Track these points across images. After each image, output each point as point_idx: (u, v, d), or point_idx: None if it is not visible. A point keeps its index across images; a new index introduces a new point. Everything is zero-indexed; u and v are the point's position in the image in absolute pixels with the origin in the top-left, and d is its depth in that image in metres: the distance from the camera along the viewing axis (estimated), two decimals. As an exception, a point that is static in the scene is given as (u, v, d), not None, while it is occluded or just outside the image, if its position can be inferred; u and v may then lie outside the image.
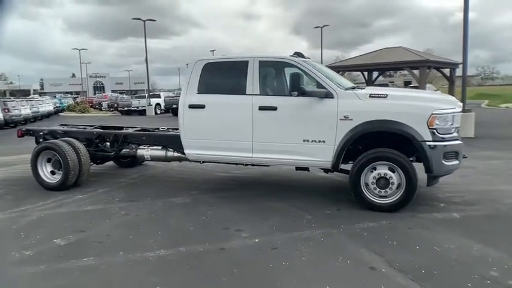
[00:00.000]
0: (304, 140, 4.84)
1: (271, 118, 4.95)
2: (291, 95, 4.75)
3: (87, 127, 7.23)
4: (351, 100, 4.69)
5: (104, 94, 49.17)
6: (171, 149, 5.96)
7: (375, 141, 4.73)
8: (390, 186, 4.52)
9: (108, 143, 6.40)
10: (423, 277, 3.04)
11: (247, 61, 5.16)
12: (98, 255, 3.56)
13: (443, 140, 4.46)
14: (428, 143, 4.41)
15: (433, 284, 2.94)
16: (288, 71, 5.21)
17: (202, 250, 3.66)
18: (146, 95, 32.37)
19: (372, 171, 4.59)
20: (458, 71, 12.89)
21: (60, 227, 4.36)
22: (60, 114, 32.99)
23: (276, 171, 6.80)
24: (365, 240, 3.79)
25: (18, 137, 6.90)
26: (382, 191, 4.55)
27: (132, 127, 7.15)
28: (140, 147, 6.21)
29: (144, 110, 30.29)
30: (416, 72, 13.26)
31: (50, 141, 6.12)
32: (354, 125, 4.60)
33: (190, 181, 6.54)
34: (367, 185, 4.61)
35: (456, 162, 4.58)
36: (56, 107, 32.69)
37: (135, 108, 30.65)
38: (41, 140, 6.63)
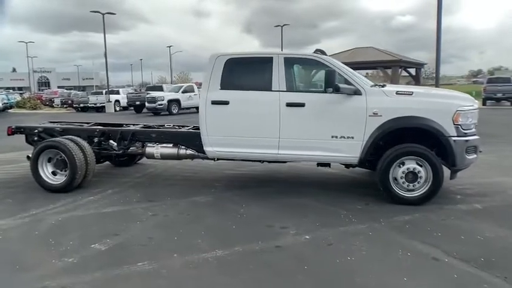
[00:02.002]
0: (332, 136, 4.89)
1: (299, 114, 4.95)
2: (326, 92, 4.78)
3: (84, 124, 6.79)
4: (379, 97, 4.81)
5: (53, 90, 46.27)
6: (182, 147, 5.77)
7: (395, 137, 4.88)
8: (418, 180, 4.70)
9: (112, 141, 6.05)
10: (486, 265, 3.20)
11: (272, 57, 5.12)
12: (151, 259, 3.37)
13: (465, 135, 4.71)
14: (453, 138, 4.64)
15: (500, 270, 3.10)
16: (315, 68, 5.24)
17: (259, 249, 3.59)
18: (104, 91, 30.99)
19: (400, 166, 4.74)
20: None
21: (89, 231, 4.07)
22: (9, 111, 30.58)
23: (280, 168, 6.77)
24: (410, 233, 3.91)
25: (8, 135, 6.34)
26: (411, 184, 4.72)
27: (134, 124, 6.82)
28: (149, 145, 5.95)
29: (102, 106, 28.99)
30: (388, 71, 13.89)
31: (53, 139, 5.67)
32: (383, 121, 4.72)
33: (201, 180, 6.37)
34: (395, 179, 4.76)
35: (475, 156, 4.86)
36: (4, 103, 30.28)
37: (93, 105, 29.25)
38: (35, 138, 6.14)
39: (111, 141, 6.06)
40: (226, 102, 5.12)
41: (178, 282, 3.02)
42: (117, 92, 30.85)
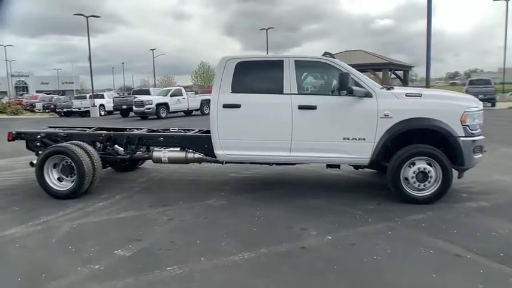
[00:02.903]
0: (344, 138, 4.97)
1: (311, 117, 5.02)
2: (340, 94, 4.86)
3: (86, 129, 6.69)
4: (389, 99, 4.92)
5: (33, 95, 45.17)
6: (190, 151, 5.76)
7: (402, 138, 4.98)
8: (428, 179, 4.82)
9: (117, 146, 5.98)
10: (506, 260, 3.31)
11: (282, 61, 5.17)
12: (180, 264, 3.36)
13: (472, 135, 4.87)
14: (462, 139, 4.78)
15: (522, 265, 3.23)
16: (325, 71, 5.33)
17: (285, 250, 3.62)
18: (88, 95, 30.47)
19: (411, 166, 4.86)
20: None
21: (108, 238, 4.02)
22: (-12, 116, 29.75)
23: (285, 170, 6.82)
24: (427, 231, 4.01)
25: (9, 141, 6.19)
26: (421, 184, 4.84)
27: (137, 128, 6.75)
28: (156, 149, 5.91)
29: (87, 111, 28.51)
30: (379, 73, 14.17)
31: (59, 144, 5.56)
32: (394, 122, 4.84)
33: (207, 183, 6.37)
34: (406, 179, 4.87)
35: (480, 155, 5.02)
36: (-17, 109, 29.44)
37: (77, 110, 28.70)
38: (38, 144, 6.01)
39: (116, 145, 5.99)
40: (237, 106, 5.14)
41: (216, 285, 3.02)
42: (102, 96, 30.43)
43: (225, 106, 5.17)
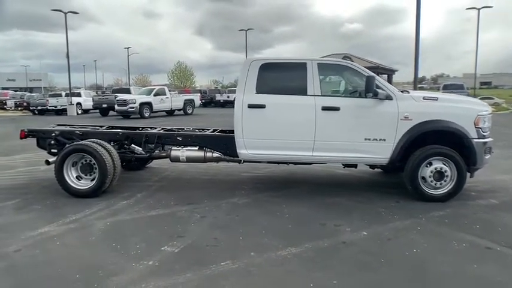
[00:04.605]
0: (365, 139, 5.19)
1: (334, 118, 5.21)
2: (360, 96, 5.08)
3: (98, 127, 6.61)
4: (409, 102, 5.18)
5: (2, 92, 43.22)
6: (208, 150, 5.82)
7: (417, 139, 5.24)
8: (444, 178, 5.11)
9: (133, 145, 5.95)
10: (533, 251, 3.62)
11: (305, 63, 5.34)
12: (232, 259, 3.45)
13: (484, 137, 5.21)
14: (475, 140, 5.11)
15: (549, 255, 3.53)
16: (346, 74, 5.54)
17: (328, 245, 3.77)
18: (64, 93, 29.57)
19: (428, 166, 5.14)
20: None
21: (149, 235, 4.05)
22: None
23: (293, 170, 6.97)
24: (453, 226, 4.28)
25: (21, 138, 6.04)
26: (438, 183, 5.12)
27: (150, 127, 6.73)
28: (173, 148, 5.93)
29: (63, 109, 27.67)
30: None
31: (80, 142, 5.48)
32: (413, 124, 5.10)
33: (224, 182, 6.44)
34: (423, 178, 5.14)
35: (489, 156, 5.37)
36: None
37: (53, 108, 27.78)
38: (52, 142, 5.90)
39: (132, 144, 5.96)
40: (262, 106, 5.26)
41: (277, 279, 3.13)
42: (78, 95, 29.63)
43: (250, 106, 5.28)
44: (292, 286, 3.05)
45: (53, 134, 5.89)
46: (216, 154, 5.79)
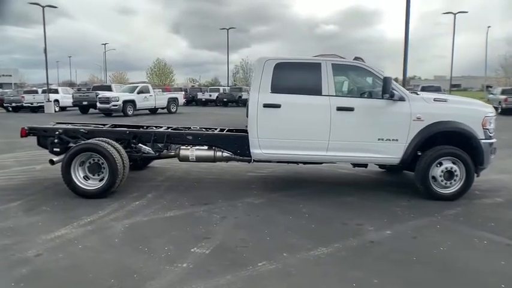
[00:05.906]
0: (379, 139, 5.26)
1: (348, 118, 5.26)
2: (383, 98, 5.14)
3: (101, 126, 6.41)
4: (420, 103, 5.30)
5: (-29, 87, 41.29)
6: (218, 149, 5.76)
7: (426, 139, 5.38)
8: (454, 178, 5.26)
9: (140, 144, 5.81)
10: (552, 248, 3.77)
11: (320, 63, 5.37)
12: (267, 259, 3.42)
13: (490, 138, 5.39)
14: (482, 141, 5.28)
15: None
16: (359, 75, 5.60)
17: (357, 245, 3.80)
18: (41, 89, 28.54)
19: (438, 166, 5.27)
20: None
21: (173, 236, 3.98)
22: None
23: (299, 170, 6.99)
24: (468, 224, 4.40)
25: (22, 136, 5.79)
26: (447, 182, 5.26)
27: (156, 126, 6.59)
28: (182, 147, 5.83)
29: (40, 106, 26.72)
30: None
31: (90, 141, 5.31)
32: (425, 125, 5.21)
33: (231, 182, 6.40)
34: (433, 177, 5.27)
35: (494, 156, 5.56)
36: None
37: (29, 105, 26.79)
38: (55, 140, 5.67)
39: (140, 144, 5.82)
40: (278, 106, 5.25)
41: (317, 279, 3.13)
42: (56, 91, 28.65)
43: (266, 106, 5.26)
44: (334, 286, 3.06)
45: (57, 133, 5.67)
46: (226, 154, 5.74)
